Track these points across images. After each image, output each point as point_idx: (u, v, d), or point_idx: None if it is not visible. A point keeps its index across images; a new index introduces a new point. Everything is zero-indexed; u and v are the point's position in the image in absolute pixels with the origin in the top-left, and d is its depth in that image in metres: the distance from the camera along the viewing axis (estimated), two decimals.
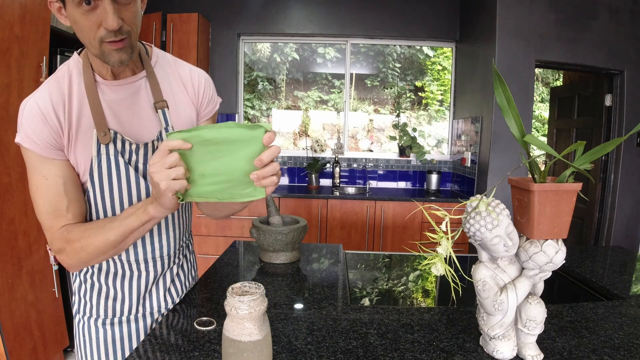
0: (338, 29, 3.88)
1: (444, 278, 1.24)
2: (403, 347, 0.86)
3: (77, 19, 0.76)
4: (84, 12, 0.75)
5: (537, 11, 3.04)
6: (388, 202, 3.36)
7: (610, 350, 0.86)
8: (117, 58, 0.80)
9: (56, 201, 0.85)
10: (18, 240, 1.95)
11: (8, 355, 1.86)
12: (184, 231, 1.08)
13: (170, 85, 0.97)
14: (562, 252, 0.75)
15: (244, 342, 0.69)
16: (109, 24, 0.75)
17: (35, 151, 0.83)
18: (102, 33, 0.77)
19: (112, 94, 0.90)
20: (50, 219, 0.86)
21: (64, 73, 0.88)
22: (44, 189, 0.85)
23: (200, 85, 1.01)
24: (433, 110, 4.72)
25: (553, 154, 0.72)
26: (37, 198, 0.85)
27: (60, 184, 0.85)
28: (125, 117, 0.91)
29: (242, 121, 4.17)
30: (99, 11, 0.75)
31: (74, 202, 0.87)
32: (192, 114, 1.00)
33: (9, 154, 1.89)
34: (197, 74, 1.01)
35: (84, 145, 0.86)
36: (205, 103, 1.03)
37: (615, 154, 3.30)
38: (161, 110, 0.94)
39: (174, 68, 0.99)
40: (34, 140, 0.83)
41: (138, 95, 0.92)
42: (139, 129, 0.92)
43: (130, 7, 0.79)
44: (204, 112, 1.03)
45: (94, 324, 0.98)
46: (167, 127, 0.95)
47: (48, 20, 2.07)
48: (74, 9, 0.75)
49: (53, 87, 0.85)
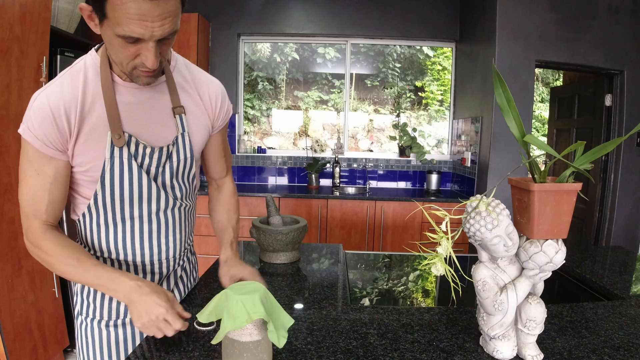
0: (338, 29, 3.88)
1: (444, 278, 1.24)
2: (403, 347, 0.86)
3: (113, 42, 0.74)
4: (124, 43, 0.73)
5: (537, 11, 3.04)
6: (388, 202, 3.36)
7: (610, 350, 0.86)
8: (144, 82, 0.82)
9: (38, 197, 0.85)
10: (18, 240, 1.95)
11: (8, 355, 1.86)
12: (188, 233, 1.08)
13: (188, 92, 0.97)
14: (562, 252, 0.75)
15: (244, 342, 0.69)
16: (149, 63, 0.75)
17: (35, 146, 0.82)
18: (138, 62, 0.77)
19: (130, 97, 0.89)
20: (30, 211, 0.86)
21: (80, 69, 0.86)
22: (31, 181, 0.85)
23: (217, 100, 1.02)
24: (433, 110, 4.72)
25: (553, 154, 0.72)
26: (23, 184, 0.85)
27: (47, 183, 0.85)
28: (142, 120, 0.90)
29: (242, 121, 4.17)
30: (140, 46, 0.74)
31: (54, 204, 0.87)
32: (206, 121, 1.01)
33: (9, 154, 1.88)
34: (213, 87, 1.02)
35: (95, 145, 0.86)
36: (221, 118, 1.04)
37: (615, 154, 3.29)
38: (179, 116, 0.94)
39: (191, 74, 0.99)
40: (37, 136, 0.81)
41: (156, 99, 0.92)
42: (155, 132, 0.92)
43: (170, 41, 0.79)
44: (218, 124, 1.05)
45: (97, 326, 0.98)
46: (184, 133, 0.95)
47: (48, 20, 2.07)
48: (114, 36, 0.73)
49: (66, 83, 0.83)
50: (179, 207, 1.00)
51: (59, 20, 2.34)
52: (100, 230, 0.93)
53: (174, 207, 0.99)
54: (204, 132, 1.01)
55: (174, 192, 0.98)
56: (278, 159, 4.03)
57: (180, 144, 0.95)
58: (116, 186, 0.89)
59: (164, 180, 0.95)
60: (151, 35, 0.72)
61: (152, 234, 0.96)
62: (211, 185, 1.20)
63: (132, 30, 0.70)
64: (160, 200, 0.95)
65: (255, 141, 4.42)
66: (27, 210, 0.86)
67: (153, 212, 0.95)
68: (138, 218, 0.93)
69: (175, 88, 0.94)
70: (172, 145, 0.94)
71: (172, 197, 0.97)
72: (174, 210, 0.99)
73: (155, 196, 0.94)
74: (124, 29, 0.70)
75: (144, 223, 0.95)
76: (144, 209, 0.93)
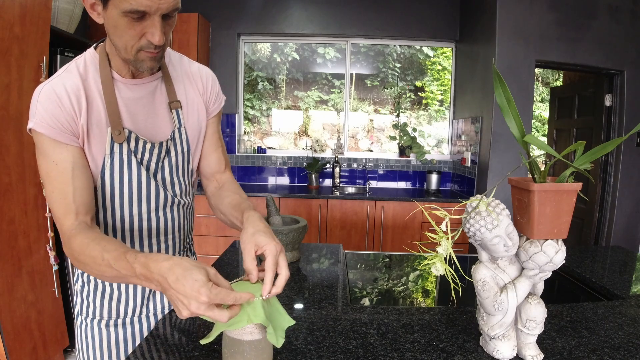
0: (338, 29, 3.88)
1: (444, 278, 1.24)
2: (403, 347, 0.86)
3: (119, 24, 0.75)
4: (130, 21, 0.75)
5: (537, 11, 3.04)
6: (388, 202, 3.36)
7: (610, 350, 0.86)
8: (149, 65, 0.82)
9: (63, 188, 0.82)
10: (18, 240, 1.95)
11: (8, 355, 1.86)
12: (187, 232, 1.08)
13: (183, 85, 0.98)
14: (562, 252, 0.75)
15: (245, 342, 0.69)
16: (156, 39, 0.77)
17: (50, 135, 0.81)
18: (144, 43, 0.78)
19: (129, 93, 0.89)
20: (60, 209, 0.82)
21: (79, 65, 0.86)
22: (53, 175, 0.82)
23: (208, 82, 1.03)
24: (433, 110, 4.72)
25: (553, 154, 0.72)
26: (47, 184, 0.83)
27: (69, 170, 0.83)
28: (141, 116, 0.91)
29: (242, 121, 4.17)
30: (146, 23, 0.76)
31: (80, 190, 0.83)
32: (202, 112, 1.02)
33: (9, 154, 1.88)
34: (204, 71, 1.04)
35: (96, 142, 0.86)
36: (212, 100, 1.04)
37: (615, 154, 3.29)
38: (175, 110, 0.95)
39: (184, 66, 1.00)
40: (49, 124, 0.80)
41: (154, 95, 0.93)
42: (154, 128, 0.93)
43: (172, 21, 0.81)
44: (211, 109, 1.05)
45: (97, 326, 0.98)
46: (180, 127, 0.96)
47: (48, 20, 2.07)
48: (120, 15, 0.74)
49: (67, 78, 0.84)
50: (177, 205, 1.00)
51: (59, 20, 2.34)
52: (99, 228, 0.93)
53: (173, 204, 0.99)
54: (200, 124, 1.02)
55: (174, 188, 0.98)
56: (278, 159, 4.03)
57: (177, 139, 0.96)
58: (116, 183, 0.89)
59: (163, 176, 0.95)
60: (157, 8, 0.74)
61: (151, 231, 0.97)
62: (211, 184, 1.09)
63: (139, 2, 0.71)
64: (159, 197, 0.95)
65: (255, 141, 4.42)
66: (57, 209, 0.82)
67: (152, 210, 0.95)
68: (137, 215, 0.94)
69: (171, 82, 0.95)
70: (170, 140, 0.95)
71: (171, 194, 0.98)
72: (172, 208, 0.99)
73: (154, 193, 0.94)
74: (130, 3, 0.71)
75: (143, 221, 0.95)
76: (143, 206, 0.94)
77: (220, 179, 1.09)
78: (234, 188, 1.03)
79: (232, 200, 0.96)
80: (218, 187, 1.07)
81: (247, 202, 0.95)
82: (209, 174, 1.08)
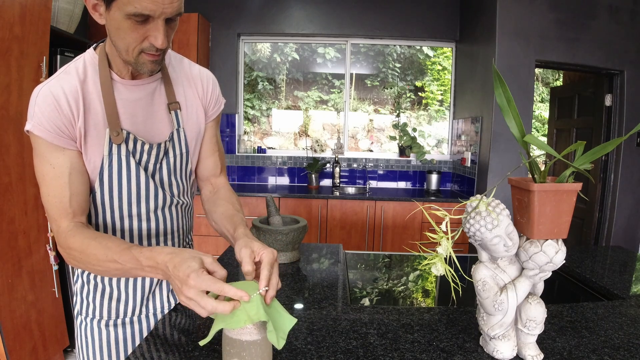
0: (338, 29, 3.88)
1: (444, 278, 1.24)
2: (403, 347, 0.86)
3: (122, 26, 0.75)
4: (133, 24, 0.75)
5: (537, 11, 3.04)
6: (388, 202, 3.36)
7: (610, 350, 0.86)
8: (149, 68, 0.82)
9: (60, 191, 0.83)
10: (18, 240, 1.95)
11: (8, 355, 1.86)
12: (186, 232, 1.08)
13: (183, 86, 0.98)
14: (562, 252, 0.75)
15: (244, 342, 0.69)
16: (159, 42, 0.77)
17: (47, 139, 0.81)
18: (145, 45, 0.78)
19: (128, 94, 0.89)
20: (56, 211, 0.83)
21: (78, 67, 0.86)
22: (49, 178, 0.83)
23: (208, 86, 1.03)
24: (433, 110, 4.72)
25: (553, 154, 0.72)
26: (43, 186, 0.84)
27: (65, 175, 0.83)
28: (140, 117, 0.91)
29: (242, 121, 4.17)
30: (149, 26, 0.76)
31: (78, 196, 0.85)
32: (201, 115, 1.02)
33: (9, 154, 1.88)
34: (205, 74, 1.04)
35: (94, 143, 0.86)
36: (212, 103, 1.04)
37: (615, 154, 3.29)
38: (174, 112, 0.95)
39: (185, 68, 1.00)
40: (46, 128, 0.80)
41: (153, 96, 0.93)
42: (152, 129, 0.93)
43: (174, 25, 0.81)
44: (210, 112, 1.05)
45: (97, 325, 0.98)
46: (179, 129, 0.96)
47: (48, 20, 2.07)
48: (123, 18, 0.74)
49: (65, 80, 0.84)
50: (176, 205, 1.00)
51: (59, 20, 2.34)
52: (98, 229, 0.93)
53: (172, 204, 0.99)
54: (199, 126, 1.02)
55: (172, 189, 0.98)
56: (278, 159, 4.03)
57: (175, 140, 0.96)
58: (114, 184, 0.89)
59: (161, 176, 0.95)
60: (162, 12, 0.74)
61: (150, 232, 0.97)
62: (206, 187, 1.10)
63: (143, 6, 0.72)
64: (157, 197, 0.95)
65: (255, 141, 4.42)
66: (52, 211, 0.83)
67: (151, 210, 0.95)
68: (136, 216, 0.94)
69: (170, 83, 0.95)
70: (169, 141, 0.95)
71: (169, 194, 0.98)
72: (171, 208, 0.99)
73: (153, 194, 0.94)
74: (135, 6, 0.71)
75: (142, 221, 0.95)
76: (142, 207, 0.94)
77: (215, 183, 1.10)
78: (228, 196, 1.05)
79: (226, 211, 0.98)
80: (213, 192, 1.09)
81: (240, 214, 0.97)
82: (205, 177, 1.10)
